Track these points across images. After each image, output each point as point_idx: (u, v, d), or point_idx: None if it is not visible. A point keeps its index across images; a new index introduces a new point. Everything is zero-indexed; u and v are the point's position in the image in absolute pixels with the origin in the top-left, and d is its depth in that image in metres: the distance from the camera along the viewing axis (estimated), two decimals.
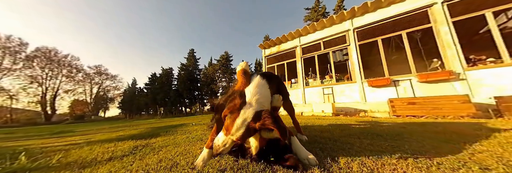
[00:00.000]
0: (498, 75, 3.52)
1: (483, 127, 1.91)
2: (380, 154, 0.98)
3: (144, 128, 3.61)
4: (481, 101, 3.50)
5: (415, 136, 1.52)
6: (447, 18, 4.13)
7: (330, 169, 0.81)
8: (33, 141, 2.69)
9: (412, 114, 3.70)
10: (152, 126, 4.27)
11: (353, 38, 5.35)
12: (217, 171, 0.85)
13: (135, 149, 1.56)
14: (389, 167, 0.81)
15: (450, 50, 4.06)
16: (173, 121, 6.29)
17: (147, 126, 4.44)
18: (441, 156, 0.93)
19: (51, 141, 2.50)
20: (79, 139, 2.58)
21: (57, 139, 2.82)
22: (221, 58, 28.35)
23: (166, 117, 14.87)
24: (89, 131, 3.92)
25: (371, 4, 4.95)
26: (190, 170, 0.90)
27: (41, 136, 3.41)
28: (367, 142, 1.32)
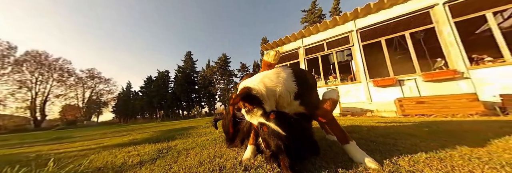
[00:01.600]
0: (501, 73, 3.63)
1: (504, 125, 1.94)
2: (435, 155, 0.95)
3: (152, 132, 3.47)
4: (486, 99, 3.59)
5: (449, 135, 1.51)
6: (449, 18, 4.26)
7: None
8: (38, 147, 2.52)
9: (421, 113, 3.74)
10: (158, 129, 4.13)
11: (356, 39, 5.43)
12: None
13: (160, 153, 1.48)
14: (461, 168, 0.78)
15: (453, 49, 4.17)
16: (176, 124, 6.13)
17: (152, 129, 4.29)
18: (496, 154, 0.91)
19: (60, 147, 2.35)
20: (89, 144, 2.44)
21: (64, 144, 2.66)
22: (219, 60, 28.25)
23: (164, 120, 14.54)
24: (92, 136, 3.74)
25: (374, 5, 5.06)
26: (243, 171, 0.84)
27: (43, 143, 3.22)
28: (408, 142, 1.30)
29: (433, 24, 4.49)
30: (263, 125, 0.83)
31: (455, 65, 4.11)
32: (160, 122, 11.28)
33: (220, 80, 28.36)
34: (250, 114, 0.88)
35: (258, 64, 26.88)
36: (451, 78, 4.04)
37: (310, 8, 18.18)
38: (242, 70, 28.67)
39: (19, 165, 1.13)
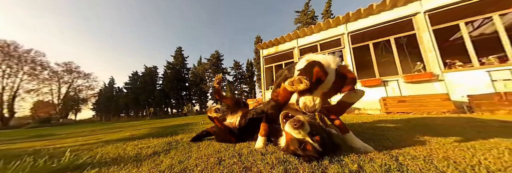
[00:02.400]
0: (470, 77, 4.15)
1: (470, 120, 2.27)
2: (417, 142, 1.15)
3: (149, 128, 3.42)
4: (456, 99, 4.09)
5: (426, 128, 1.76)
6: (428, 26, 4.73)
7: (396, 155, 0.93)
8: (26, 144, 2.37)
9: (402, 111, 4.15)
10: (153, 126, 4.05)
11: (347, 41, 5.76)
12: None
13: (170, 145, 1.52)
14: (438, 150, 0.96)
15: (430, 54, 4.64)
16: (169, 121, 6.02)
17: (146, 126, 4.19)
18: (463, 141, 1.13)
19: (53, 143, 2.25)
20: (86, 139, 2.37)
21: (54, 141, 2.53)
22: (212, 57, 27.72)
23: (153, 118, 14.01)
24: (81, 133, 3.56)
25: (364, 11, 5.41)
26: (261, 155, 0.96)
27: (25, 140, 3.00)
28: (394, 133, 1.51)
29: (414, 31, 4.94)
30: (306, 143, 0.86)
31: (431, 68, 4.59)
32: (149, 119, 10.88)
33: (212, 78, 27.91)
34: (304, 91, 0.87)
35: (252, 63, 26.88)
36: (428, 80, 4.52)
37: (303, 9, 18.62)
38: (235, 68, 28.49)
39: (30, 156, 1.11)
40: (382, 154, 0.93)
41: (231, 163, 0.89)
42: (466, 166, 0.71)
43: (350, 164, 0.78)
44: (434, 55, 4.58)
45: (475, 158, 0.80)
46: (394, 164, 0.76)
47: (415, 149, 1.01)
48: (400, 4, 5.07)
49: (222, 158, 0.98)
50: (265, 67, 8.38)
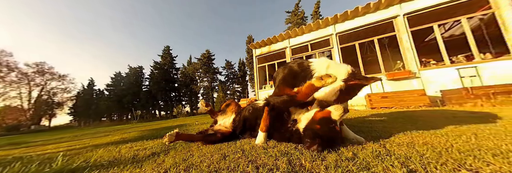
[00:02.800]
0: (442, 74, 4.61)
1: (443, 113, 2.55)
2: (400, 131, 1.28)
3: (139, 131, 3.29)
4: (430, 94, 4.51)
5: (407, 120, 1.95)
6: (407, 28, 5.14)
7: (383, 143, 1.04)
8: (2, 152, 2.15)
9: (385, 106, 4.47)
10: (143, 129, 3.90)
11: (336, 42, 6.04)
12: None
13: (168, 146, 1.51)
14: (418, 138, 1.09)
15: (409, 54, 5.06)
16: (160, 124, 5.82)
17: (135, 129, 4.02)
18: (439, 129, 1.28)
19: (33, 150, 2.07)
20: (70, 145, 2.22)
21: (33, 148, 2.33)
22: (202, 56, 27.05)
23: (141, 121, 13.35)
24: (61, 140, 3.31)
25: (351, 13, 5.70)
26: (263, 149, 1.00)
27: None
28: (380, 125, 1.65)
29: (395, 32, 5.34)
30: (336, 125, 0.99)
31: (410, 66, 5.00)
32: (136, 123, 10.36)
33: (203, 78, 27.26)
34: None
35: (244, 62, 26.78)
36: (407, 77, 4.92)
37: (293, 10, 19.02)
38: (227, 68, 28.16)
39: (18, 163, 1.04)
40: (372, 143, 1.03)
41: (236, 158, 0.92)
42: (441, 149, 0.82)
43: (345, 152, 0.86)
44: (412, 55, 5.00)
45: (448, 143, 0.93)
46: (383, 150, 0.86)
47: (399, 137, 1.13)
48: (382, 7, 5.44)
49: (225, 154, 1.02)
50: (258, 67, 8.44)
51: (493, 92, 3.29)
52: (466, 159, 0.69)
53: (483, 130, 1.17)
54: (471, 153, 0.75)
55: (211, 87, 26.36)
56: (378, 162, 0.72)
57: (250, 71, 24.65)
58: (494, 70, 4.08)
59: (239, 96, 27.46)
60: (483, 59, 4.40)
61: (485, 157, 0.69)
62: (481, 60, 4.31)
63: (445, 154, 0.76)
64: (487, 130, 1.16)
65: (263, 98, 1.42)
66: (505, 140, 0.90)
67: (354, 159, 0.78)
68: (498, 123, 1.36)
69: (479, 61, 4.30)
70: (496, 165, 0.61)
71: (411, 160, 0.72)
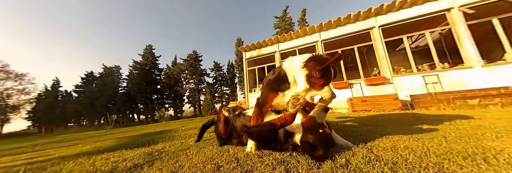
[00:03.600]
0: (410, 80, 5.17)
1: (414, 115, 2.84)
2: (383, 134, 1.39)
3: (116, 139, 2.97)
4: (402, 98, 5.02)
5: (386, 123, 2.12)
6: (381, 38, 5.69)
7: (370, 148, 1.10)
8: None
9: (364, 109, 4.82)
10: (119, 136, 3.53)
11: (321, 48, 6.39)
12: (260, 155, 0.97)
13: (151, 156, 1.39)
14: (398, 141, 1.19)
15: (383, 61, 5.59)
16: (140, 129, 5.35)
17: (110, 136, 3.63)
18: (414, 131, 1.42)
19: None
20: (31, 156, 1.89)
21: None
22: (189, 57, 26.00)
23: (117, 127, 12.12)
24: (18, 150, 2.81)
25: (334, 22, 6.13)
26: (259, 157, 0.98)
27: None
28: (364, 129, 1.76)
29: (372, 42, 5.87)
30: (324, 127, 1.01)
31: (384, 73, 5.51)
32: (111, 129, 9.37)
33: (189, 80, 26.11)
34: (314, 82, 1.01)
35: (233, 64, 26.51)
36: (382, 82, 5.41)
37: (281, 16, 19.75)
38: (215, 69, 27.48)
39: None
40: (360, 147, 1.09)
41: (231, 168, 0.89)
42: (421, 153, 0.91)
43: (338, 159, 0.90)
44: (386, 62, 5.53)
45: (425, 146, 1.03)
46: (372, 156, 0.91)
47: (383, 141, 1.21)
48: (361, 19, 5.96)
49: (219, 164, 0.97)
50: (248, 70, 8.43)
51: (452, 98, 3.80)
52: (443, 162, 0.77)
53: (450, 133, 1.32)
54: (445, 157, 0.84)
55: (198, 89, 25.34)
56: (370, 168, 0.76)
57: (239, 73, 24.50)
58: (451, 77, 4.73)
59: (227, 98, 26.94)
60: (442, 68, 5.08)
61: (458, 160, 0.78)
62: (441, 69, 4.97)
63: (425, 158, 0.84)
64: (453, 133, 1.32)
65: (255, 101, 1.41)
66: (469, 143, 1.04)
67: (347, 165, 0.81)
68: (460, 126, 1.56)
69: (439, 70, 4.95)
70: (468, 168, 0.69)
71: (398, 165, 0.77)
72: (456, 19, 4.81)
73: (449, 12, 4.93)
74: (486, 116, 2.12)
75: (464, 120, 1.89)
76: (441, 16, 5.11)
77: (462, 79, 4.60)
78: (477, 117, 2.07)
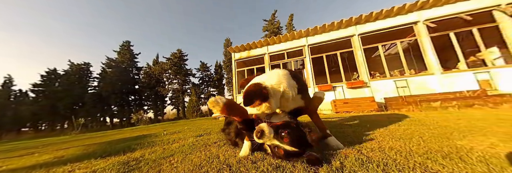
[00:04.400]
0: (384, 84, 5.69)
1: (389, 116, 3.10)
2: (366, 134, 1.46)
3: (82, 147, 2.58)
4: (378, 100, 5.47)
5: (368, 123, 2.25)
6: (361, 45, 6.18)
7: (359, 149, 1.14)
8: None
9: (346, 111, 5.13)
10: (87, 142, 3.10)
11: (308, 52, 6.66)
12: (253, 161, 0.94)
13: (127, 165, 1.22)
14: (382, 140, 1.26)
15: (362, 67, 6.05)
16: (114, 134, 4.79)
17: (76, 143, 3.15)
18: (391, 131, 1.53)
19: None
20: None
21: None
22: (173, 56, 24.55)
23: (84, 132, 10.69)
24: None
25: (319, 28, 6.47)
26: (252, 163, 0.92)
27: None
28: (350, 129, 1.84)
29: (352, 48, 6.33)
30: (278, 147, 0.93)
31: (363, 77, 5.97)
32: (78, 134, 8.24)
33: (172, 80, 24.59)
34: (257, 108, 1.00)
35: (221, 65, 25.89)
36: (361, 86, 5.84)
37: (270, 19, 20.18)
38: (202, 70, 26.43)
39: None
40: (351, 149, 1.12)
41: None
42: (406, 153, 0.96)
43: (333, 162, 0.90)
44: (364, 68, 6.00)
45: (407, 146, 1.10)
46: (364, 157, 0.93)
47: (369, 142, 1.27)
48: (343, 27, 6.40)
49: None
50: (236, 71, 8.31)
51: (419, 100, 4.27)
52: (426, 162, 0.82)
53: (424, 133, 1.45)
54: (427, 156, 0.90)
55: (182, 90, 24.00)
56: (364, 170, 0.77)
57: (228, 74, 24.03)
58: (417, 82, 5.34)
59: None
60: (410, 74, 5.71)
61: (439, 160, 0.84)
62: (409, 75, 5.58)
63: (410, 158, 0.89)
64: (427, 133, 1.45)
65: None
66: (443, 143, 1.14)
67: (342, 168, 0.81)
68: (431, 127, 1.74)
69: (408, 75, 5.55)
70: (449, 167, 0.75)
71: (389, 166, 0.80)
72: (421, 31, 5.48)
73: (416, 25, 5.61)
74: (448, 117, 2.41)
75: (433, 121, 2.12)
76: (410, 28, 5.78)
77: (426, 84, 5.22)
78: (442, 118, 2.34)
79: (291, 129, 0.95)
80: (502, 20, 4.77)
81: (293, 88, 1.09)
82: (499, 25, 4.80)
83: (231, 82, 23.72)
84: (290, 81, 1.10)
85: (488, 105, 3.64)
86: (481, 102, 3.73)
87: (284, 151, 0.91)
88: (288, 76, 1.14)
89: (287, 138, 0.90)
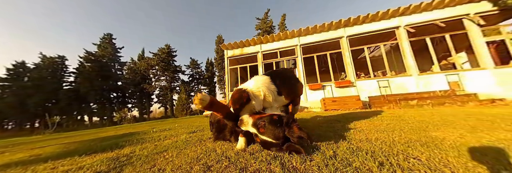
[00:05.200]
0: (369, 84, 6.06)
1: (374, 113, 3.32)
2: (354, 128, 1.57)
3: (60, 145, 2.39)
4: (363, 99, 5.82)
5: (354, 119, 2.40)
6: (348, 47, 6.49)
7: (349, 140, 1.22)
8: None
9: (334, 108, 5.38)
10: (64, 141, 2.87)
11: (299, 52, 6.82)
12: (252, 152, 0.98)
13: (117, 161, 1.18)
14: (368, 133, 1.36)
15: (349, 67, 6.37)
16: (97, 132, 4.47)
17: (52, 142, 2.89)
18: (375, 126, 1.66)
19: None
20: None
21: None
22: (160, 51, 23.32)
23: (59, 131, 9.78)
24: None
25: (311, 29, 6.65)
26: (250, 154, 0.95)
27: None
28: (338, 124, 1.95)
29: (341, 49, 6.63)
30: (256, 136, 1.04)
31: (350, 77, 6.29)
32: (52, 133, 7.53)
33: (160, 76, 23.41)
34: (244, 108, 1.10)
35: (212, 62, 25.21)
36: (348, 85, 6.16)
37: (263, 18, 20.15)
38: (192, 67, 25.51)
39: None
40: (341, 140, 1.19)
41: (223, 167, 0.83)
42: (390, 143, 1.06)
43: (327, 151, 0.96)
44: (351, 68, 6.33)
45: (390, 137, 1.21)
46: (354, 147, 1.01)
47: (357, 135, 1.37)
48: (333, 28, 6.65)
49: (208, 164, 0.90)
50: (229, 68, 8.21)
51: (398, 99, 4.63)
52: (407, 149, 0.92)
53: (404, 127, 1.60)
54: (408, 145, 1.00)
55: (170, 88, 23.01)
56: (355, 158, 0.84)
57: (219, 72, 23.54)
58: (397, 83, 5.78)
59: None
60: (391, 75, 6.15)
61: (418, 147, 0.94)
62: (390, 76, 6.01)
63: (393, 146, 0.99)
64: (406, 127, 1.60)
65: None
66: (420, 134, 1.28)
67: (336, 156, 0.87)
68: (410, 121, 1.92)
69: (389, 76, 5.98)
70: (427, 153, 0.85)
71: (376, 153, 0.88)
72: (402, 35, 5.92)
73: (397, 29, 6.03)
74: (424, 113, 2.67)
75: (410, 116, 2.33)
76: (392, 32, 6.20)
77: (404, 84, 5.67)
78: (418, 114, 2.58)
79: (269, 121, 1.01)
80: (470, 28, 5.34)
81: (273, 92, 1.23)
82: (468, 33, 5.36)
83: (223, 80, 23.40)
84: (269, 86, 1.24)
85: (457, 103, 4.08)
86: (451, 101, 4.16)
87: (260, 140, 1.02)
88: (268, 81, 1.27)
89: (262, 128, 1.00)
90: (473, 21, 5.27)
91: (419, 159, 0.79)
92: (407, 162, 0.76)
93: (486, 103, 3.88)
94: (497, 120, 1.68)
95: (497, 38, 5.24)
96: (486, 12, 5.18)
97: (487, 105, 3.77)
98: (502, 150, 0.87)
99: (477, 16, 5.23)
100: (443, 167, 0.70)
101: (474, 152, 0.84)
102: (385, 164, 0.74)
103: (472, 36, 5.29)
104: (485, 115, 2.14)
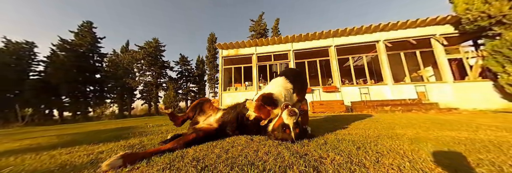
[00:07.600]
0: (351, 90, 6.67)
1: (356, 116, 3.76)
2: (340, 128, 1.87)
3: (54, 136, 2.30)
4: (346, 104, 6.39)
5: (339, 121, 2.75)
6: (336, 55, 7.09)
7: (336, 134, 1.50)
8: None
9: (321, 111, 5.82)
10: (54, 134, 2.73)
11: (292, 57, 7.23)
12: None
13: (135, 149, 1.28)
14: (350, 132, 1.67)
15: (336, 74, 6.94)
16: (80, 127, 4.21)
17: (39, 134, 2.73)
18: (355, 127, 2.00)
19: None
20: None
21: None
22: (147, 45, 22.12)
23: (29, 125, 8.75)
24: None
25: (303, 36, 7.13)
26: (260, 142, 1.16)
27: None
28: (327, 125, 2.26)
29: (329, 57, 7.20)
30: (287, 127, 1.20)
31: (336, 83, 6.86)
32: (23, 127, 6.76)
33: (146, 71, 22.15)
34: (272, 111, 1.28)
35: (203, 60, 24.63)
36: (334, 90, 6.70)
37: (257, 20, 20.54)
38: (181, 64, 24.58)
39: None
40: (330, 134, 1.47)
41: (239, 150, 1.03)
42: (366, 136, 1.36)
43: (319, 140, 1.21)
44: (337, 75, 6.90)
45: (366, 133, 1.52)
46: (340, 137, 1.29)
47: (342, 130, 1.66)
48: (322, 37, 7.21)
49: (225, 148, 1.08)
50: (223, 68, 8.28)
51: (375, 105, 5.21)
52: (377, 140, 1.22)
53: (377, 126, 1.95)
54: (379, 137, 1.31)
55: (156, 84, 21.88)
56: (340, 144, 1.10)
57: (210, 70, 23.14)
58: (375, 90, 6.47)
59: (193, 96, 24.70)
60: (371, 83, 6.86)
61: (385, 139, 1.25)
62: (370, 84, 6.70)
63: (368, 138, 1.28)
64: (379, 126, 1.95)
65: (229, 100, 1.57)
66: (388, 131, 1.61)
67: (326, 143, 1.13)
68: (383, 122, 2.30)
69: (369, 84, 6.66)
70: (390, 142, 1.15)
71: (356, 142, 1.16)
72: (381, 49, 6.68)
73: (377, 43, 6.79)
74: (394, 117, 3.14)
75: (383, 119, 2.75)
76: (373, 45, 6.95)
77: (381, 92, 6.38)
78: (390, 118, 3.03)
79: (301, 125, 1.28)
80: (436, 46, 6.25)
81: (289, 91, 1.44)
82: (434, 50, 6.28)
83: (214, 78, 23.04)
84: (286, 86, 1.45)
85: (422, 110, 4.76)
86: (417, 108, 4.85)
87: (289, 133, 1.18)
88: (285, 81, 1.49)
89: (298, 129, 1.22)
90: (438, 41, 6.20)
91: (384, 145, 1.08)
92: (376, 147, 1.04)
93: (444, 111, 4.61)
94: (446, 124, 2.13)
95: (457, 56, 6.22)
96: (449, 34, 6.14)
97: (444, 113, 4.49)
98: (439, 141, 1.22)
99: (441, 37, 6.17)
100: (399, 150, 0.99)
101: (421, 142, 1.17)
102: (361, 148, 1.01)
103: (437, 54, 6.21)
104: (439, 120, 2.64)
